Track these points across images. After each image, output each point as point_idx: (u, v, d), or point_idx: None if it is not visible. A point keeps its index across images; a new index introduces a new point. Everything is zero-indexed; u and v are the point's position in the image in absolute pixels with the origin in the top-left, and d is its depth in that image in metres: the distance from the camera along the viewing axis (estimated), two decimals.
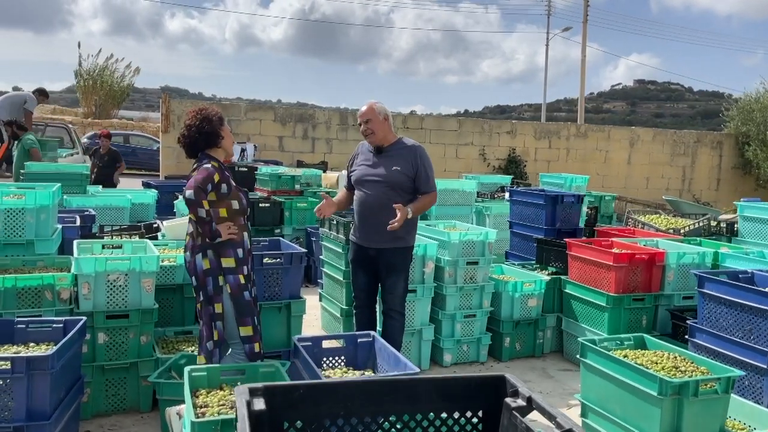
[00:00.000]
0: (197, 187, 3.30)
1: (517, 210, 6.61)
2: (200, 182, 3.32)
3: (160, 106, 12.77)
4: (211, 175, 3.36)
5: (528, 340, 5.28)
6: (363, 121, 4.26)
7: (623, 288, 4.74)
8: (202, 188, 3.32)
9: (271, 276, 4.20)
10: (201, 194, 3.30)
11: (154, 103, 59.81)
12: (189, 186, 3.33)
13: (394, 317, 4.38)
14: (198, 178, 3.33)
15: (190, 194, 3.29)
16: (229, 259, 3.37)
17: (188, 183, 3.34)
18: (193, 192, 3.29)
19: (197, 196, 3.30)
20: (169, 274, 4.41)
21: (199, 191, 3.30)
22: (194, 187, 3.30)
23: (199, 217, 3.31)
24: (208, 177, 3.35)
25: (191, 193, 3.29)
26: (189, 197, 3.30)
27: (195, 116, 3.48)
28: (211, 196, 3.38)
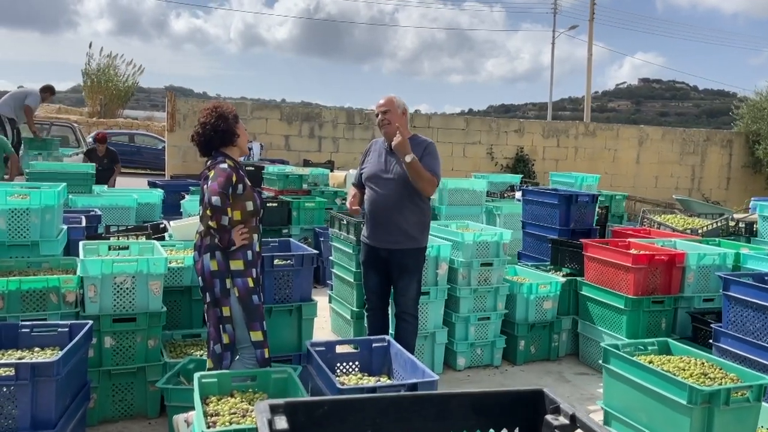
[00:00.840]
0: (222, 193, 3.16)
1: (530, 210, 6.48)
2: (223, 186, 3.18)
3: (165, 105, 12.68)
4: (230, 176, 3.24)
5: (543, 344, 5.15)
6: (381, 111, 4.14)
7: (642, 290, 4.61)
8: (226, 193, 3.19)
9: (281, 278, 4.09)
10: (226, 200, 3.18)
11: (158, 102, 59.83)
12: (213, 191, 3.16)
13: (407, 320, 4.26)
14: (220, 181, 3.19)
15: (216, 201, 3.15)
16: (238, 262, 3.25)
17: (210, 187, 3.18)
18: (219, 199, 3.15)
19: (223, 202, 3.16)
20: (176, 275, 4.30)
21: (224, 197, 3.17)
22: (219, 193, 3.15)
23: (221, 225, 3.17)
24: (228, 179, 3.22)
25: (217, 199, 3.15)
26: (215, 204, 3.15)
27: (210, 114, 3.37)
28: None
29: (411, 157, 3.89)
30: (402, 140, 3.86)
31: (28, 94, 9.79)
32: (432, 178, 4.04)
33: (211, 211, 3.15)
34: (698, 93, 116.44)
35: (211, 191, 3.17)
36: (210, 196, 3.17)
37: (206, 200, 3.19)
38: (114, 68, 26.05)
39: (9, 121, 9.50)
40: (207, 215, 3.18)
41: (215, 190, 3.17)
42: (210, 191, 3.18)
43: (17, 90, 10.18)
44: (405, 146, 3.87)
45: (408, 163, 3.90)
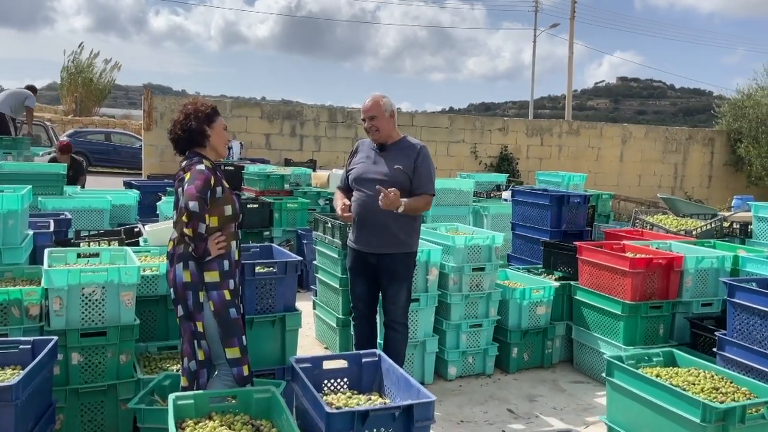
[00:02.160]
0: (200, 197, 2.90)
1: (520, 211, 6.29)
2: (201, 190, 2.91)
3: (142, 103, 12.32)
4: (208, 178, 2.98)
5: (536, 351, 4.96)
6: (368, 117, 3.92)
7: (640, 295, 4.44)
8: (204, 197, 2.93)
9: (263, 287, 3.83)
10: (204, 206, 2.93)
11: (136, 100, 58.94)
12: (190, 195, 2.89)
13: (396, 329, 4.05)
14: (198, 184, 2.92)
15: (194, 206, 2.88)
16: (213, 273, 3.00)
17: (187, 190, 2.90)
18: (197, 204, 2.88)
19: (201, 208, 2.90)
20: (151, 284, 4.04)
21: (202, 202, 2.91)
22: (197, 197, 2.88)
23: (197, 234, 2.91)
24: (206, 182, 2.95)
25: (195, 205, 2.88)
26: (192, 209, 2.88)
27: (181, 111, 3.12)
28: None
29: (402, 207, 3.71)
30: (389, 201, 3.63)
31: (27, 96, 9.68)
32: (426, 199, 3.90)
33: (187, 217, 2.89)
34: (675, 91, 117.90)
35: (188, 195, 2.91)
36: (187, 200, 2.90)
37: (182, 205, 2.92)
38: (91, 66, 25.52)
39: (11, 120, 9.43)
40: (182, 221, 2.91)
41: (192, 194, 2.90)
42: (187, 195, 2.91)
43: (15, 90, 10.02)
44: (394, 203, 3.65)
45: (402, 211, 3.72)
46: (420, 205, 3.88)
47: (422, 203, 3.89)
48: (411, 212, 3.83)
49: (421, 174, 3.90)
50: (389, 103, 4.00)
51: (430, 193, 3.92)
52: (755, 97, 16.42)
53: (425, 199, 3.90)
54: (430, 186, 3.92)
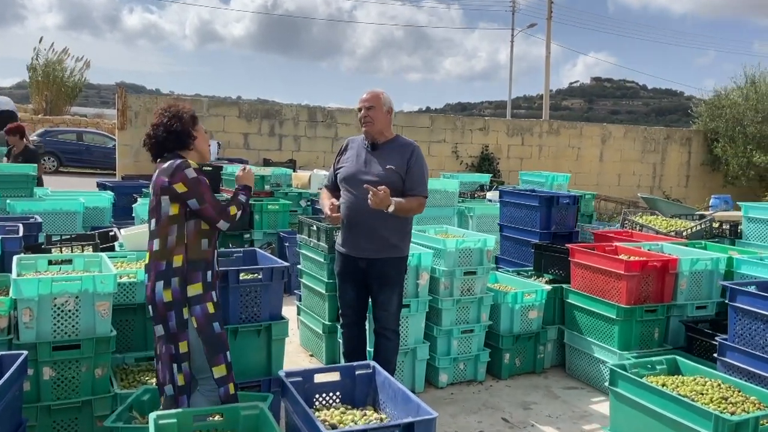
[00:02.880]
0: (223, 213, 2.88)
1: (508, 212, 6.17)
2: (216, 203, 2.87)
3: (116, 102, 11.98)
4: (206, 183, 2.87)
5: (528, 356, 4.84)
6: (365, 107, 3.75)
7: (635, 299, 4.34)
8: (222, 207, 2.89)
9: (248, 295, 3.64)
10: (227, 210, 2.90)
11: (109, 99, 57.96)
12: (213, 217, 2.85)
13: (388, 337, 3.88)
14: (209, 199, 2.84)
15: (225, 225, 2.90)
16: (196, 286, 2.81)
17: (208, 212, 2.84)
18: (225, 221, 2.89)
19: (230, 218, 2.91)
20: (128, 292, 3.82)
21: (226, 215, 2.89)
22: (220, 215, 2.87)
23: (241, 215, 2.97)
24: (209, 189, 2.88)
25: (225, 223, 2.90)
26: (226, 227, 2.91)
27: (163, 114, 2.92)
28: (174, 209, 2.82)
29: (392, 206, 3.54)
30: (378, 200, 3.47)
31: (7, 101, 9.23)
32: (419, 200, 3.73)
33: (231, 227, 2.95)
34: (648, 92, 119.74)
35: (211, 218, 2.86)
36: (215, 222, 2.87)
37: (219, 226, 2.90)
38: (61, 63, 24.92)
39: None
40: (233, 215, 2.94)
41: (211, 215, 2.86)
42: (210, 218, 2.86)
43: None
44: (382, 202, 3.48)
45: (392, 212, 3.55)
46: (412, 206, 3.71)
47: (414, 204, 3.72)
48: (402, 213, 3.67)
49: (414, 174, 3.74)
50: (389, 99, 3.85)
51: (423, 195, 3.76)
52: (732, 97, 16.58)
53: (418, 200, 3.73)
54: (423, 187, 3.76)
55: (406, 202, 3.64)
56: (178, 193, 2.79)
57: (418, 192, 3.73)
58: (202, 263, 2.84)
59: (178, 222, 2.81)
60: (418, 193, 3.73)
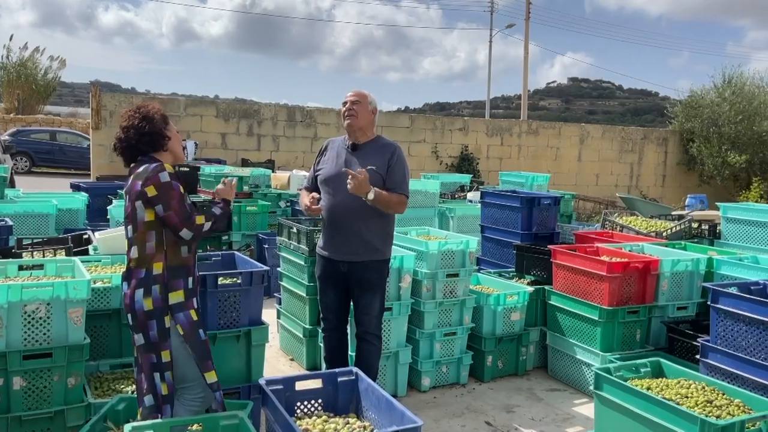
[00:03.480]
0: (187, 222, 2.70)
1: (489, 213, 6.14)
2: (182, 210, 2.69)
3: (90, 101, 11.76)
4: (179, 189, 2.74)
5: (510, 358, 4.81)
6: (350, 100, 3.69)
7: (617, 300, 4.33)
8: (188, 215, 2.71)
9: (227, 299, 3.55)
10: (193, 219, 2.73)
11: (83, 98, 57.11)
12: (177, 224, 2.69)
13: (370, 341, 3.82)
14: (175, 206, 2.68)
15: (188, 234, 2.72)
16: (178, 293, 2.72)
17: (171, 219, 2.68)
18: (188, 230, 2.71)
19: (195, 229, 2.73)
20: (102, 297, 3.71)
21: (191, 224, 2.71)
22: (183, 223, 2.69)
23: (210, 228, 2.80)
24: (181, 195, 2.72)
25: (188, 232, 2.71)
26: (190, 238, 2.73)
27: (132, 116, 2.82)
28: (150, 215, 2.73)
29: (372, 193, 3.47)
30: (357, 184, 3.41)
31: None
32: (400, 198, 3.65)
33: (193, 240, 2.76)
34: (623, 92, 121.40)
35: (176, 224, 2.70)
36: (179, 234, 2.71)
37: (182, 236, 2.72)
38: (34, 61, 24.44)
39: None
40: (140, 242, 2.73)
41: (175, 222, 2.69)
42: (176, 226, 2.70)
43: None
44: (362, 187, 3.43)
45: (372, 200, 3.49)
46: (392, 200, 3.61)
47: (395, 200, 3.63)
48: (382, 206, 3.58)
49: (394, 174, 3.67)
50: (375, 100, 3.82)
51: (404, 194, 3.69)
52: (708, 97, 16.77)
53: (399, 197, 3.65)
54: (404, 187, 3.70)
55: (386, 194, 3.57)
56: (149, 198, 2.70)
57: (399, 191, 3.67)
58: (182, 270, 2.75)
59: (155, 228, 2.71)
60: (399, 191, 3.67)
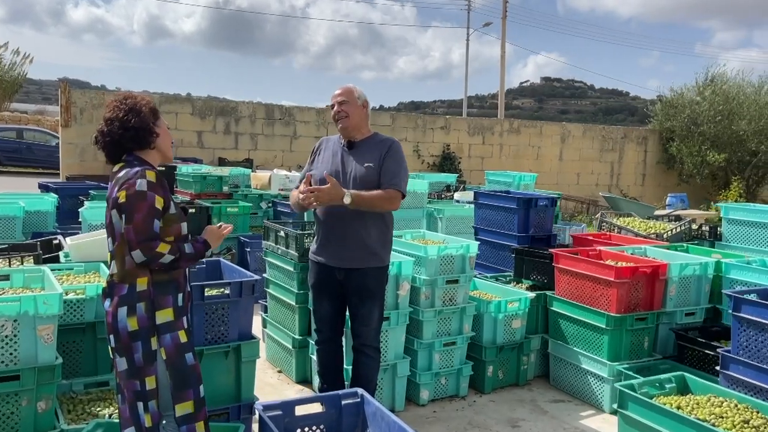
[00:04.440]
0: (145, 243, 2.34)
1: (483, 215, 5.91)
2: (144, 228, 2.35)
3: (59, 98, 11.26)
4: (152, 203, 2.38)
5: (511, 367, 4.58)
6: (338, 102, 3.42)
7: (625, 307, 4.12)
8: (151, 236, 2.36)
9: (214, 312, 3.25)
10: (153, 244, 2.36)
11: (51, 95, 55.78)
12: (132, 241, 2.33)
13: (368, 354, 3.56)
14: (138, 220, 2.34)
15: (140, 257, 2.35)
16: (166, 311, 2.41)
17: (127, 235, 2.34)
18: (142, 253, 2.35)
19: (151, 255, 2.36)
20: (76, 310, 3.39)
21: (148, 248, 2.35)
22: (140, 244, 2.34)
23: (170, 263, 2.40)
24: (150, 210, 2.37)
25: (140, 255, 2.35)
26: (141, 261, 2.36)
27: (118, 107, 2.50)
28: None
29: (349, 197, 3.20)
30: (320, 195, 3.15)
31: None
32: (388, 193, 3.32)
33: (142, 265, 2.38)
34: (595, 92, 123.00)
35: (131, 241, 2.34)
36: (131, 251, 2.35)
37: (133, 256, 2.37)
38: None
39: None
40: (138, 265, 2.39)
41: (132, 238, 2.34)
42: (130, 243, 2.35)
43: None
44: (329, 195, 3.16)
45: (350, 203, 3.21)
46: (375, 197, 3.27)
47: (382, 196, 3.29)
48: (366, 206, 3.28)
49: (387, 168, 3.37)
50: (362, 93, 3.54)
51: (395, 188, 3.34)
52: (688, 96, 16.80)
53: (387, 193, 3.31)
54: (396, 180, 3.35)
55: (366, 193, 3.27)
56: (119, 205, 2.39)
57: (391, 185, 3.34)
58: (171, 285, 2.45)
59: None
60: (391, 186, 3.34)
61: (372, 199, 3.29)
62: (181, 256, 2.41)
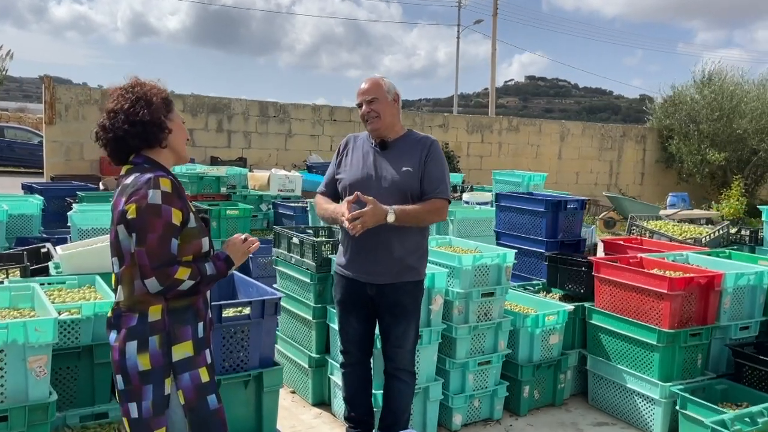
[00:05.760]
0: (160, 270, 1.93)
1: (506, 218, 5.52)
2: (160, 252, 1.93)
3: (42, 94, 10.72)
4: (168, 219, 1.96)
5: (547, 386, 4.19)
6: (365, 101, 3.01)
7: (678, 321, 3.75)
8: (168, 260, 1.95)
9: (232, 336, 2.83)
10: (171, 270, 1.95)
11: (32, 93, 54.68)
12: (145, 267, 1.92)
13: (403, 379, 3.16)
14: (152, 242, 1.92)
15: (156, 286, 1.94)
16: (185, 345, 1.99)
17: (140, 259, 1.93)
18: (158, 282, 1.94)
19: (169, 283, 1.95)
20: (69, 332, 2.94)
21: (164, 275, 1.94)
22: (155, 270, 1.93)
23: (189, 289, 2.00)
24: (167, 228, 1.95)
25: (156, 284, 1.94)
26: (156, 292, 1.96)
27: (123, 96, 2.07)
28: None
29: (393, 215, 2.82)
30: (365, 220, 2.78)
31: None
32: (434, 204, 2.96)
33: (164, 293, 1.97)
34: (579, 90, 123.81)
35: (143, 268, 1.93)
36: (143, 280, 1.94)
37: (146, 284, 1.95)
38: None
39: None
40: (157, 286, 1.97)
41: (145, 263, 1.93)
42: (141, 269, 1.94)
43: None
44: (374, 217, 2.79)
45: (394, 221, 2.83)
46: (422, 211, 2.92)
47: (429, 209, 2.95)
48: (412, 222, 2.93)
49: (431, 173, 3.00)
50: (391, 84, 3.13)
51: (441, 197, 2.99)
52: (689, 94, 16.56)
53: (433, 204, 2.97)
54: (443, 188, 3.00)
55: (411, 207, 2.91)
56: (128, 221, 1.97)
57: (437, 194, 2.98)
58: (190, 312, 2.03)
59: None
60: (437, 195, 2.98)
61: (418, 214, 2.92)
62: (201, 280, 2.00)
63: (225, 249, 2.20)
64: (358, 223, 2.78)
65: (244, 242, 2.22)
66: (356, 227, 2.77)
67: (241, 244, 2.22)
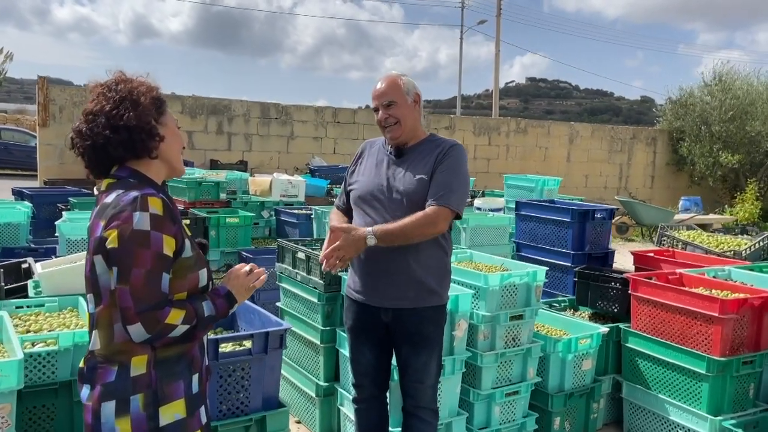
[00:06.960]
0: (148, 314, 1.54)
1: (527, 228, 5.13)
2: (147, 292, 1.54)
3: (36, 95, 10.35)
4: (158, 249, 1.56)
5: (579, 417, 3.80)
6: (382, 105, 2.64)
7: (730, 348, 3.36)
8: (157, 301, 1.56)
9: (231, 375, 2.44)
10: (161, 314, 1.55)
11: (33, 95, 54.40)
12: (128, 310, 1.53)
13: (424, 418, 2.77)
14: (137, 279, 1.53)
15: (142, 334, 1.55)
16: (176, 404, 1.60)
17: (122, 299, 1.54)
18: (144, 329, 1.54)
19: (158, 330, 1.56)
20: (45, 365, 2.57)
21: (152, 320, 1.54)
22: (141, 315, 1.53)
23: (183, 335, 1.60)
24: (156, 262, 1.56)
25: (142, 332, 1.54)
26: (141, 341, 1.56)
27: (105, 95, 1.67)
28: None
29: (372, 238, 2.44)
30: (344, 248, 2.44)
31: None
32: (430, 215, 2.50)
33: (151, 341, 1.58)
34: (580, 92, 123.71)
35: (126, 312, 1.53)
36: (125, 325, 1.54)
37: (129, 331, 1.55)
38: None
39: None
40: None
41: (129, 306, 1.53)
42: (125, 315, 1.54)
43: None
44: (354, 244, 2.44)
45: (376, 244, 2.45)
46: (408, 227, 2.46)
47: (417, 222, 2.47)
48: (398, 240, 2.49)
49: (437, 179, 2.57)
50: (411, 83, 2.74)
51: (440, 204, 2.52)
52: (698, 95, 16.16)
53: (425, 215, 2.49)
54: (443, 193, 2.53)
55: (394, 227, 2.47)
56: (107, 251, 1.57)
57: (435, 201, 2.53)
58: (182, 363, 1.63)
59: None
60: (435, 202, 2.52)
61: (404, 229, 2.47)
62: (197, 324, 1.60)
63: (226, 283, 1.79)
64: (334, 259, 2.41)
65: (248, 275, 1.82)
66: (333, 264, 2.39)
67: (245, 277, 1.81)
